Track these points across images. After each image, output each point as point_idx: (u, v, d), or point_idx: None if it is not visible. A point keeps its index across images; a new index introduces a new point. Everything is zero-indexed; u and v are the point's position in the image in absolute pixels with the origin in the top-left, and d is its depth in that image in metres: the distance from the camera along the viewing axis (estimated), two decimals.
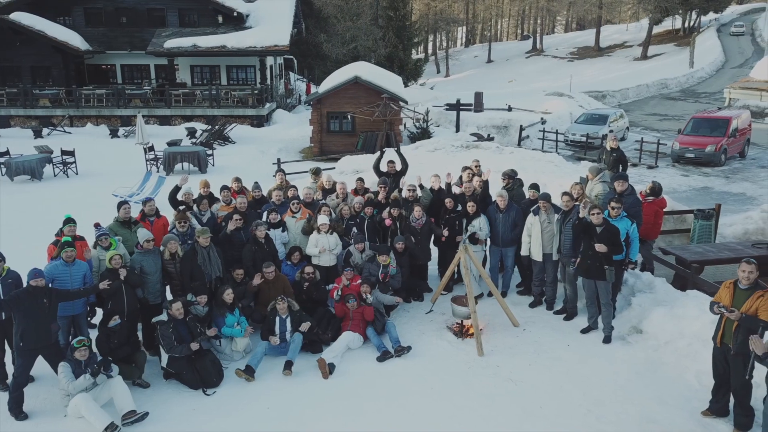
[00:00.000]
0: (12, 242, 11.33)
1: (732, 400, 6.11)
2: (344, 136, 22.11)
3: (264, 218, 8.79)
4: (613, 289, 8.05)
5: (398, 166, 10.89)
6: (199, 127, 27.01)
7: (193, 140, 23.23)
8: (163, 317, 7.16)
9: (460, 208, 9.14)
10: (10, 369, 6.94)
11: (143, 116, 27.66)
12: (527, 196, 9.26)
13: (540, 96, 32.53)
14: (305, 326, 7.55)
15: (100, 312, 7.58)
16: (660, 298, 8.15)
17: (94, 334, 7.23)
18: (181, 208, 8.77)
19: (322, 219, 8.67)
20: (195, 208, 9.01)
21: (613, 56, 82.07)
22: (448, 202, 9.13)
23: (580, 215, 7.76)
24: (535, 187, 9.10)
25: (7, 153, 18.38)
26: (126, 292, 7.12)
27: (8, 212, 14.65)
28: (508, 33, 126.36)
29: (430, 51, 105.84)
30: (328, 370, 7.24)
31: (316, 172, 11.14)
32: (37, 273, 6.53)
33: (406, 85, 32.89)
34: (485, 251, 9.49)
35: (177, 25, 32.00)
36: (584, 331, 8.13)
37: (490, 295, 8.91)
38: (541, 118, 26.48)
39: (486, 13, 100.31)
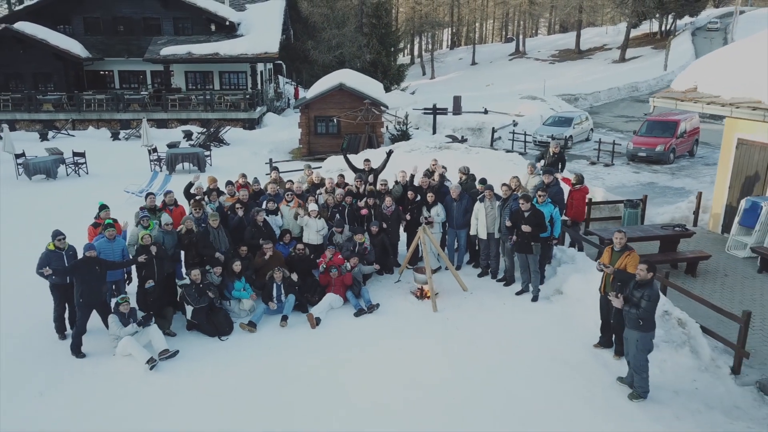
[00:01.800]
0: (43, 230, 13.29)
1: (613, 335, 8.23)
2: (330, 137, 24.13)
3: (263, 206, 10.83)
4: (541, 260, 10.17)
5: (373, 164, 12.98)
6: (195, 129, 28.94)
7: (191, 142, 25.09)
8: (186, 281, 9.18)
9: (419, 198, 11.24)
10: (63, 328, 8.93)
11: (141, 119, 29.64)
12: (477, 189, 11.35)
13: (515, 99, 34.69)
14: (294, 275, 9.63)
15: (135, 279, 9.58)
16: (579, 267, 10.28)
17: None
18: (193, 201, 10.75)
19: (312, 206, 10.72)
20: (205, 198, 11.01)
21: (593, 59, 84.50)
22: (410, 194, 11.22)
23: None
24: (482, 181, 11.20)
25: (23, 155, 20.21)
26: (156, 263, 9.11)
27: (34, 206, 16.59)
28: (493, 35, 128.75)
29: (416, 53, 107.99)
30: (315, 322, 9.30)
31: (309, 167, 13.24)
32: (91, 247, 8.53)
33: (388, 90, 34.97)
34: (443, 232, 11.55)
35: (172, 33, 33.88)
36: (518, 293, 10.24)
37: (447, 269, 11.00)
38: (513, 121, 28.65)
39: (471, 17, 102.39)
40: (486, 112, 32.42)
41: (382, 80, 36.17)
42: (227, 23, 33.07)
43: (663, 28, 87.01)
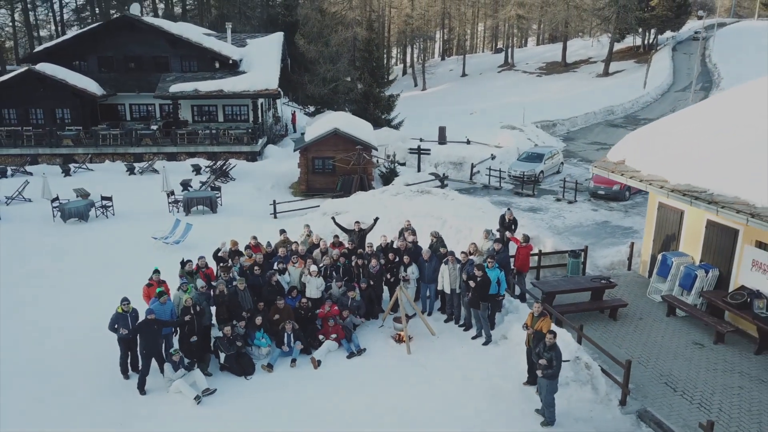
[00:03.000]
0: (94, 272, 16.32)
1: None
2: (327, 175, 27.06)
3: (275, 266, 13.79)
4: (492, 311, 13.16)
5: (363, 226, 15.97)
6: (202, 163, 31.82)
7: (201, 179, 27.93)
8: (220, 335, 12.14)
9: (397, 259, 14.23)
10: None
11: (153, 153, 32.60)
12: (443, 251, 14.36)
13: (496, 129, 37.65)
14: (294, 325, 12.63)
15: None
16: (521, 317, 13.26)
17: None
18: (221, 265, 13.68)
19: (313, 268, 13.68)
20: (229, 261, 13.97)
21: (578, 72, 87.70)
22: (391, 256, 14.21)
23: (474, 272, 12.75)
24: (444, 246, 14.20)
25: (57, 198, 23.06)
26: (197, 320, 12.04)
27: (73, 248, 19.54)
28: (483, 44, 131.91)
29: (407, 63, 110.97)
30: (316, 364, 12.28)
31: (308, 227, 16.22)
32: (151, 311, 11.47)
33: (378, 121, 37.95)
34: (417, 286, 14.52)
35: (179, 70, 36.75)
36: (474, 337, 13.25)
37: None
38: (491, 154, 31.65)
39: (461, 30, 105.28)
40: (468, 142, 35.43)
41: (373, 110, 39.30)
42: (230, 61, 35.94)
43: (646, 42, 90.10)
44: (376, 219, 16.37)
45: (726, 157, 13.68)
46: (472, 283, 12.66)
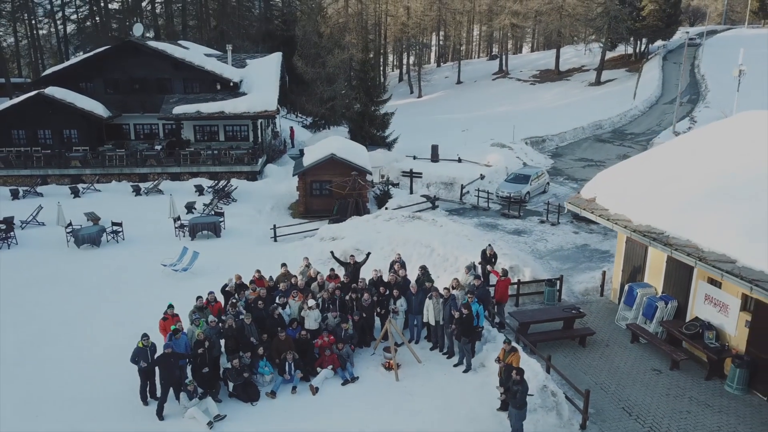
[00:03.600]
0: (102, 299, 17.92)
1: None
2: (324, 198, 28.56)
3: (277, 300, 15.31)
4: (473, 341, 14.68)
5: (358, 258, 17.50)
6: (205, 183, 33.32)
7: (205, 203, 29.39)
8: (228, 366, 13.66)
9: (387, 292, 15.76)
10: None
11: (157, 174, 34.07)
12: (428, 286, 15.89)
13: (486, 147, 39.19)
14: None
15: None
16: (498, 346, 14.78)
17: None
18: (231, 301, 15.20)
19: (311, 302, 15.20)
20: (236, 296, 15.49)
21: (571, 80, 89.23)
22: (382, 289, 15.74)
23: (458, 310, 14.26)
24: (431, 280, 15.74)
25: (70, 224, 24.52)
26: (208, 353, 13.54)
27: (89, 275, 21.04)
28: (479, 50, 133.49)
29: (404, 70, 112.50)
30: (314, 390, 13.80)
31: (307, 260, 17.76)
32: (168, 346, 12.98)
33: (374, 139, 39.49)
34: (405, 318, 16.06)
35: (182, 91, 38.24)
36: (456, 365, 14.78)
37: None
38: (481, 174, 33.19)
39: (456, 39, 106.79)
40: (460, 160, 36.98)
41: (368, 128, 40.84)
42: (231, 84, 37.44)
43: (638, 50, 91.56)
44: (368, 254, 17.92)
45: (681, 201, 15.23)
46: (456, 314, 14.19)
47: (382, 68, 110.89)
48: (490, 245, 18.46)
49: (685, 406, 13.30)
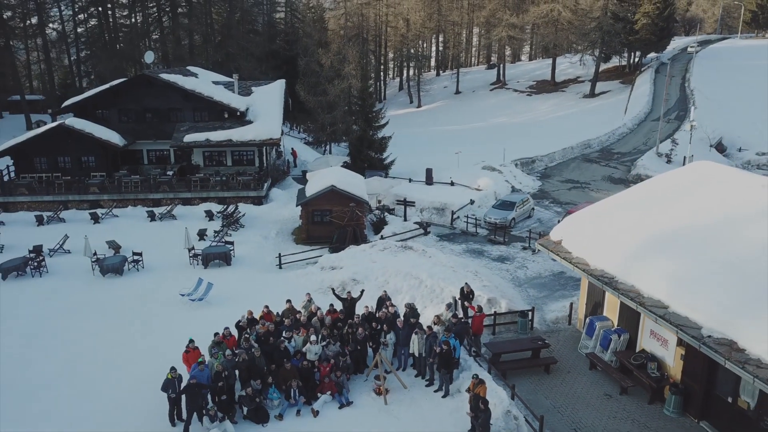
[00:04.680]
0: (128, 326, 20.55)
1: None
2: (325, 225, 31.11)
3: (283, 335, 17.85)
4: (450, 371, 17.19)
5: (354, 294, 20.05)
6: (214, 208, 35.90)
7: (216, 229, 31.96)
8: (243, 393, 16.21)
9: (379, 327, 18.29)
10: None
11: (170, 199, 36.60)
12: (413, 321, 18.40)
13: (477, 170, 41.67)
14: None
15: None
16: (472, 374, 17.29)
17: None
18: (244, 335, 17.75)
19: (312, 338, 17.74)
20: (248, 330, 18.04)
21: (566, 92, 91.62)
22: (374, 324, 18.28)
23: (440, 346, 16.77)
24: (416, 316, 18.26)
25: (95, 254, 27.11)
26: (226, 382, 16.07)
27: (115, 304, 23.61)
28: (478, 58, 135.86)
29: (403, 80, 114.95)
30: (315, 413, 16.35)
31: (309, 295, 20.32)
32: (195, 376, 15.54)
33: (372, 164, 42.04)
34: (394, 349, 18.60)
35: (192, 119, 40.83)
36: (435, 391, 17.29)
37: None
38: (471, 200, 35.70)
39: (455, 50, 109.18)
40: (452, 183, 39.49)
41: (367, 152, 43.41)
42: (238, 113, 40.02)
43: (632, 62, 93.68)
44: (362, 291, 20.48)
45: (630, 250, 17.71)
46: (437, 349, 16.71)
47: (382, 78, 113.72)
48: (467, 283, 20.98)
49: (627, 427, 15.81)
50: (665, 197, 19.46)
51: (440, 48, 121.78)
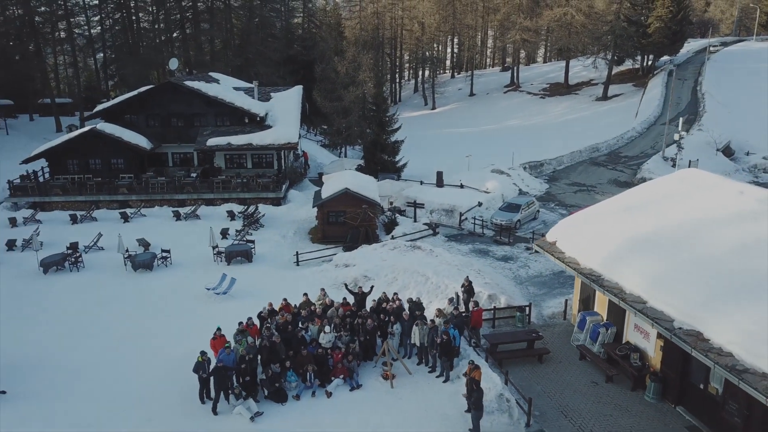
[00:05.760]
0: (160, 315, 22.67)
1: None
2: (339, 226, 33.05)
3: (300, 325, 19.82)
4: (451, 358, 19.02)
5: (365, 289, 21.97)
6: (236, 208, 38.02)
7: (237, 229, 34.08)
8: (263, 376, 18.21)
9: (387, 318, 20.18)
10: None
11: (194, 199, 38.78)
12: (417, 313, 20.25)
13: (486, 173, 43.38)
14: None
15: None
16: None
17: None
18: (266, 325, 19.74)
19: (327, 328, 19.68)
20: (268, 320, 20.03)
21: (579, 95, 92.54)
22: (382, 316, 20.17)
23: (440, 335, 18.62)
24: (421, 309, 20.11)
25: (127, 251, 29.34)
26: (249, 365, 18.06)
27: (147, 295, 25.78)
28: (493, 60, 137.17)
29: (419, 80, 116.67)
30: (329, 394, 18.28)
31: (323, 290, 22.28)
32: (222, 360, 17.56)
33: (385, 166, 43.91)
34: (399, 340, 20.47)
35: (214, 124, 43.07)
36: (437, 377, 19.13)
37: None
38: (479, 202, 37.42)
39: (470, 53, 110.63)
40: (462, 186, 41.24)
41: (380, 155, 45.31)
42: (258, 118, 42.16)
43: (644, 64, 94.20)
44: (372, 287, 22.39)
45: (616, 250, 19.36)
46: (438, 340, 18.56)
47: (397, 80, 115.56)
48: (467, 277, 22.80)
49: (609, 410, 17.51)
50: (651, 202, 21.07)
51: (455, 50, 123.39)
